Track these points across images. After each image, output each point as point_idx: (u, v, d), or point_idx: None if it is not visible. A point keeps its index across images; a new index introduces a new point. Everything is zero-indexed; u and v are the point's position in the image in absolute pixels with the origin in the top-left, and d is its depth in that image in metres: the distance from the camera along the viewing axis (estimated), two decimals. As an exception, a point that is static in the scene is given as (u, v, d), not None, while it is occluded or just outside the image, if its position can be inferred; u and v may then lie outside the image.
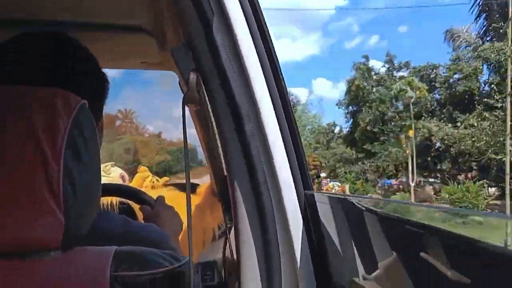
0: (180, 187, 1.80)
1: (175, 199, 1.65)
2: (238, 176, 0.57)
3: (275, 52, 0.56)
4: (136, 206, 1.37)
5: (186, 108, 0.69)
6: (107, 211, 0.68)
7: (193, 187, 1.84)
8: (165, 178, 1.89)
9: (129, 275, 0.54)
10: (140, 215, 1.26)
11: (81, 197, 0.54)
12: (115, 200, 1.48)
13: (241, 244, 0.57)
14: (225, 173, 1.73)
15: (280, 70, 0.56)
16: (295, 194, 0.55)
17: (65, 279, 0.52)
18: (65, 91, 0.57)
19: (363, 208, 0.51)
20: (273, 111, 0.55)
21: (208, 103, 0.61)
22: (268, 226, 0.55)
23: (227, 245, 1.71)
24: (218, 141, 1.51)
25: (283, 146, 0.55)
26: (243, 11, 0.54)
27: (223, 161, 1.61)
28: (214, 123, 1.41)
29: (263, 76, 0.55)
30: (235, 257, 0.59)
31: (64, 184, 0.51)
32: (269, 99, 0.55)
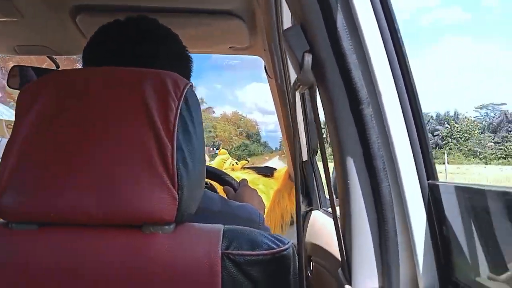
0: (258, 170, 1.82)
1: (253, 182, 1.68)
2: (353, 162, 0.54)
3: (399, 31, 0.52)
4: (219, 187, 1.41)
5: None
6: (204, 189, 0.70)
7: (270, 171, 1.85)
8: (244, 162, 1.92)
9: (239, 254, 0.55)
10: (224, 196, 1.30)
11: (192, 175, 0.55)
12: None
13: (353, 232, 0.55)
14: (304, 158, 1.71)
15: (405, 51, 0.52)
16: (418, 184, 0.52)
17: (179, 252, 0.54)
18: (172, 73, 0.59)
19: (500, 201, 0.46)
20: (396, 95, 0.51)
21: (317, 86, 0.59)
22: (386, 216, 0.52)
23: (305, 230, 1.70)
24: (301, 125, 1.50)
25: (406, 132, 0.52)
26: None
27: (303, 146, 1.60)
28: (312, 107, 1.39)
29: (386, 58, 0.51)
30: (342, 244, 0.57)
31: (177, 162, 0.53)
32: (392, 82, 0.51)
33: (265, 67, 1.35)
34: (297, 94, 1.39)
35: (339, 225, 0.58)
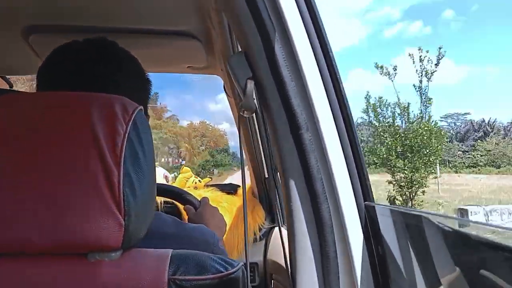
0: (221, 188, 1.82)
1: (216, 200, 1.67)
2: (295, 186, 0.56)
3: (334, 60, 0.54)
4: (181, 207, 1.40)
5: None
6: (157, 212, 0.69)
7: (234, 189, 1.85)
8: (207, 179, 1.91)
9: (186, 279, 0.54)
10: (185, 215, 1.29)
11: (140, 200, 0.55)
12: (159, 199, 1.51)
13: (297, 254, 0.57)
14: (266, 175, 1.73)
15: (339, 78, 0.55)
16: (355, 205, 0.54)
17: (124, 279, 0.53)
18: (122, 97, 0.59)
19: (428, 223, 0.49)
20: (332, 121, 0.54)
21: (262, 111, 0.60)
22: (326, 238, 0.54)
23: (268, 248, 1.71)
24: (260, 146, 1.52)
25: (343, 156, 0.54)
26: (303, 21, 0.53)
27: (264, 165, 1.62)
28: (260, 130, 1.42)
29: (322, 85, 0.54)
30: (288, 264, 0.58)
31: (124, 188, 0.53)
32: (328, 107, 0.54)
33: (224, 86, 1.37)
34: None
35: (286, 247, 0.59)
